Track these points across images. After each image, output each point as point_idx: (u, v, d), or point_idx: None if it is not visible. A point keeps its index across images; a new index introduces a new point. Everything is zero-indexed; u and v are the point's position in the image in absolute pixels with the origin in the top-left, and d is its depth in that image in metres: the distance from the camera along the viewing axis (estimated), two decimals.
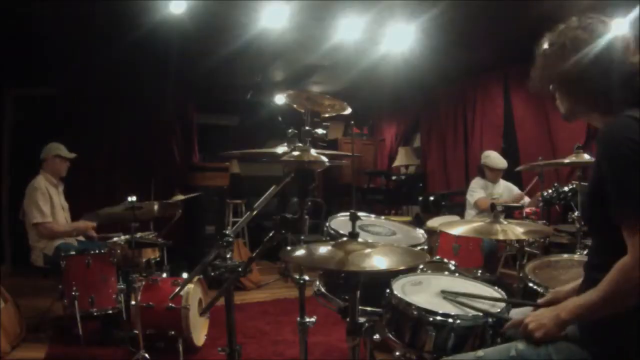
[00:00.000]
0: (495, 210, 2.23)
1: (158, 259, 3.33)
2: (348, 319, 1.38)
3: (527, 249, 3.07)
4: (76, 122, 5.38)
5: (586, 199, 1.27)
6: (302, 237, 1.58)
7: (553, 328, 1.22)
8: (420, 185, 6.38)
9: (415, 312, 1.56)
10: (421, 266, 2.10)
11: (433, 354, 1.51)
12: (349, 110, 1.81)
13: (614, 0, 2.99)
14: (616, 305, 1.13)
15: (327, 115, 1.78)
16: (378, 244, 1.46)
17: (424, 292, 1.77)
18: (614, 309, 1.13)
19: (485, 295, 1.70)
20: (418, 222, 5.08)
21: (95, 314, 2.99)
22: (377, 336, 1.72)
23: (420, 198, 5.44)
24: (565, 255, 2.28)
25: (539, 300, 1.52)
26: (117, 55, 4.58)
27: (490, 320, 1.53)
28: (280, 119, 1.99)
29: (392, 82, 5.62)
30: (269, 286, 5.02)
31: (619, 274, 1.12)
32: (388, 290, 1.71)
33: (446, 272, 2.08)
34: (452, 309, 1.57)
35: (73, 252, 3.08)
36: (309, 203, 1.47)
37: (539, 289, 1.93)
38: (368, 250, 1.36)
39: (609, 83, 1.23)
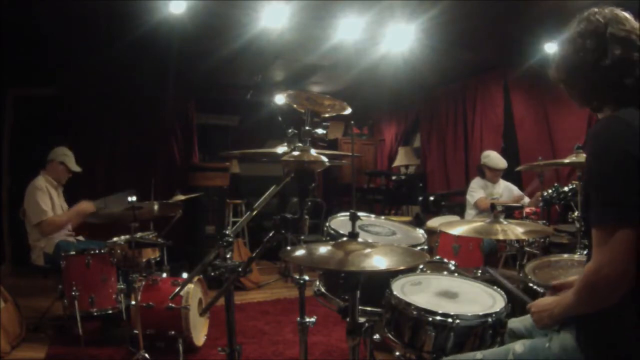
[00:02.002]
0: (495, 210, 2.23)
1: (158, 259, 3.34)
2: (348, 319, 1.38)
3: (527, 249, 3.06)
4: (76, 122, 5.39)
5: (581, 199, 1.28)
6: (302, 237, 1.58)
7: (548, 322, 1.28)
8: (420, 185, 6.38)
9: (414, 312, 1.56)
10: (421, 266, 2.10)
11: (432, 354, 1.51)
12: (349, 110, 1.81)
13: (614, 1, 2.99)
14: (588, 307, 1.16)
15: (327, 115, 1.77)
16: (378, 244, 1.46)
17: (424, 292, 1.77)
18: (588, 310, 1.17)
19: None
20: (418, 222, 5.08)
21: (95, 314, 2.99)
22: (377, 336, 1.73)
23: (420, 198, 5.44)
24: (565, 255, 2.27)
25: (553, 282, 1.52)
26: (118, 55, 4.58)
27: (489, 320, 1.53)
28: (280, 119, 1.98)
29: (392, 82, 5.61)
30: (269, 286, 5.02)
31: (584, 278, 1.15)
32: (388, 290, 1.71)
33: (445, 272, 2.08)
34: (452, 309, 1.57)
35: (73, 252, 3.08)
36: (309, 203, 1.47)
37: (539, 289, 1.93)
38: (368, 250, 1.36)
39: (599, 79, 1.23)
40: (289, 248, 1.48)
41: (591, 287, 1.14)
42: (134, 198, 2.70)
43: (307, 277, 2.03)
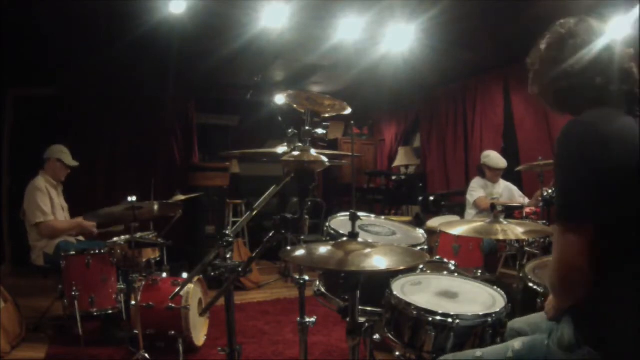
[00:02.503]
0: (495, 210, 2.23)
1: (158, 259, 3.34)
2: (348, 319, 1.38)
3: (527, 249, 3.06)
4: (76, 122, 5.39)
5: None
6: (302, 237, 1.58)
7: (553, 314, 1.33)
8: (420, 185, 6.38)
9: (414, 312, 1.57)
10: (421, 266, 2.10)
11: (432, 354, 1.52)
12: (349, 110, 1.81)
13: (614, 0, 2.99)
14: (562, 302, 1.23)
15: (327, 115, 1.77)
16: (378, 244, 1.46)
17: (424, 292, 1.77)
18: (564, 304, 1.23)
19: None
20: (418, 222, 5.08)
21: (95, 314, 2.99)
22: (377, 336, 1.72)
23: (420, 198, 5.43)
24: None
25: None
26: (118, 55, 4.58)
27: (489, 320, 1.53)
28: (280, 119, 1.98)
29: (392, 82, 5.61)
30: (269, 286, 5.02)
31: (550, 276, 1.19)
32: (388, 290, 1.71)
33: (445, 272, 2.08)
34: (452, 309, 1.57)
35: (73, 252, 3.08)
36: (309, 203, 1.47)
37: (539, 289, 1.93)
38: (368, 250, 1.36)
39: (568, 83, 1.27)
40: (289, 248, 1.48)
41: (552, 286, 1.19)
42: (134, 198, 2.70)
43: (307, 277, 2.03)
